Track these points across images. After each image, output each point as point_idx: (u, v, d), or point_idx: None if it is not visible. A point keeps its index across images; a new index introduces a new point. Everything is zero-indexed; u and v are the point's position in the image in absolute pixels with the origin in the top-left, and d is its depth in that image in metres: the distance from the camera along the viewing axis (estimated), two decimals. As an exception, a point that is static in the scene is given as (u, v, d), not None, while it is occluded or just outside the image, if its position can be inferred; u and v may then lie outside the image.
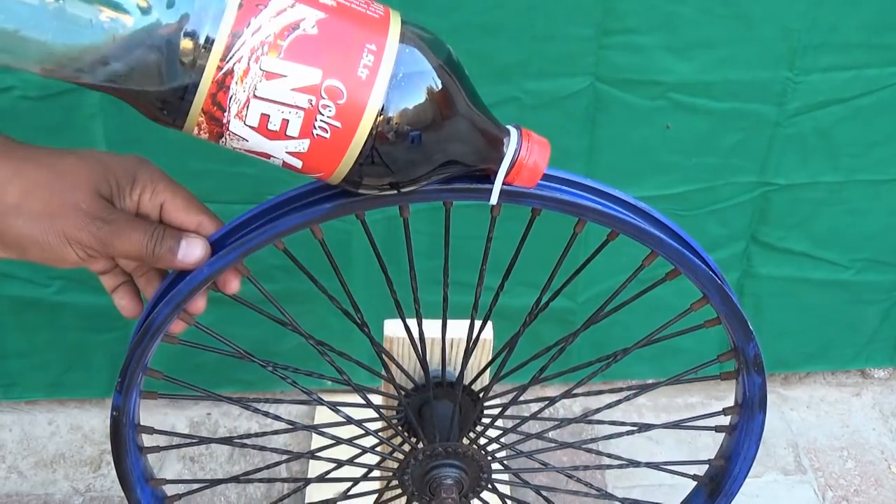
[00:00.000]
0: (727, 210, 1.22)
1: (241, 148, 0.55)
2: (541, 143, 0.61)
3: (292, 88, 0.52)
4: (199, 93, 0.51)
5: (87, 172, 0.59)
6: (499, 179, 0.61)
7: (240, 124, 0.53)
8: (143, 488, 0.73)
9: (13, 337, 1.24)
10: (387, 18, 0.55)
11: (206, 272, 0.63)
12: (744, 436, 0.80)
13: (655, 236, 0.68)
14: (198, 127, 0.53)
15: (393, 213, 0.67)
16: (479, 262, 0.70)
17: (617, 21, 1.04)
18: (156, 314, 0.65)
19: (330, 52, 0.52)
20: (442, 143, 0.57)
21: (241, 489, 1.25)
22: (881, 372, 1.45)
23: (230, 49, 0.50)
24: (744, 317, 0.72)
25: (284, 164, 0.55)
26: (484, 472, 0.81)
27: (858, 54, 1.10)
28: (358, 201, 0.62)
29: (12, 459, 1.28)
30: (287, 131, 0.53)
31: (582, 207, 0.65)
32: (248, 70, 0.51)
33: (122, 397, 0.68)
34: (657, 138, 1.14)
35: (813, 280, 1.30)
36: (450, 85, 0.56)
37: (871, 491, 1.30)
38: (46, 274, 1.19)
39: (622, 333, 0.78)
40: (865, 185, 1.21)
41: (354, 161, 0.55)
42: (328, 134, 0.53)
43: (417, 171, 0.58)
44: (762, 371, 0.76)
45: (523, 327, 0.74)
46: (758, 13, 1.05)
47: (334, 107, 0.53)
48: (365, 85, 0.53)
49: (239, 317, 0.73)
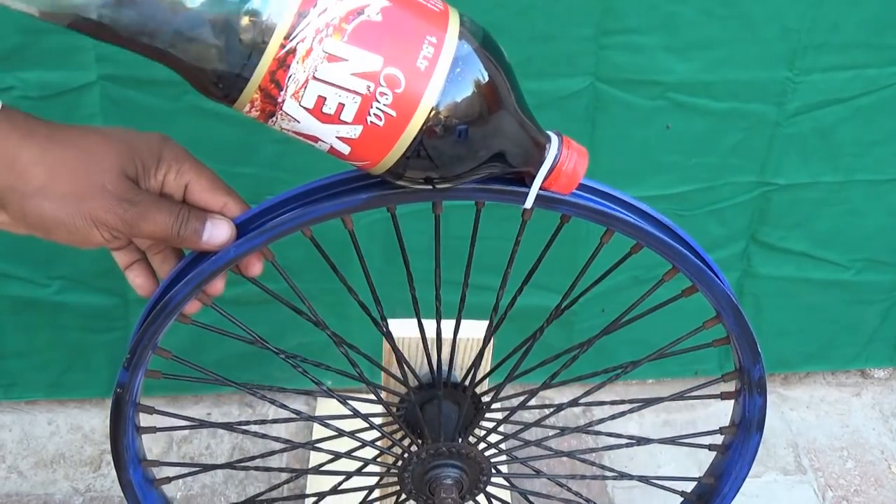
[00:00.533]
0: (727, 210, 1.22)
1: (291, 129, 0.55)
2: (580, 151, 0.62)
3: (352, 73, 0.52)
4: (258, 69, 0.51)
5: (112, 152, 0.59)
6: (537, 183, 0.61)
7: (295, 105, 0.53)
8: (136, 469, 0.73)
9: (13, 337, 1.24)
10: (446, 13, 0.55)
11: (233, 253, 0.63)
12: (737, 456, 0.80)
13: (679, 252, 0.68)
14: (251, 104, 0.53)
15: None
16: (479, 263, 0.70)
17: (617, 21, 1.04)
18: (175, 293, 0.64)
19: (392, 40, 0.52)
20: (488, 141, 0.57)
21: (241, 489, 1.25)
22: (881, 372, 1.45)
23: (295, 28, 0.50)
24: (754, 338, 0.72)
25: (331, 149, 0.55)
26: (484, 473, 0.81)
27: (858, 54, 1.10)
28: (393, 194, 0.62)
29: (12, 459, 1.28)
30: (341, 116, 0.53)
31: (613, 218, 0.66)
32: (311, 51, 0.51)
33: (129, 375, 0.67)
34: (657, 138, 1.14)
35: (813, 280, 1.30)
36: (501, 84, 0.56)
37: (871, 491, 1.30)
38: (46, 274, 1.19)
39: (624, 334, 0.78)
40: (865, 185, 1.21)
41: (403, 153, 0.55)
42: (382, 122, 0.53)
43: (460, 168, 0.58)
44: (764, 393, 0.76)
45: (539, 332, 0.74)
46: (758, 13, 1.05)
47: (391, 95, 0.53)
48: (423, 76, 0.53)
49: (240, 315, 0.73)
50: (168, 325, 0.67)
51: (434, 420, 0.79)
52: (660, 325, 0.85)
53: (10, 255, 1.16)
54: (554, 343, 0.83)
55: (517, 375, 0.77)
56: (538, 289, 0.95)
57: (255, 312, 0.98)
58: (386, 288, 0.72)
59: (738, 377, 0.77)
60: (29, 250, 1.16)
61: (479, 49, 0.55)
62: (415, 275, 0.71)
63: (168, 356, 0.71)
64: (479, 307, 0.77)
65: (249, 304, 0.97)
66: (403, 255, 0.70)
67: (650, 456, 1.32)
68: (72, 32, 0.52)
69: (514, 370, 0.76)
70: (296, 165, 1.09)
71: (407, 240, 0.69)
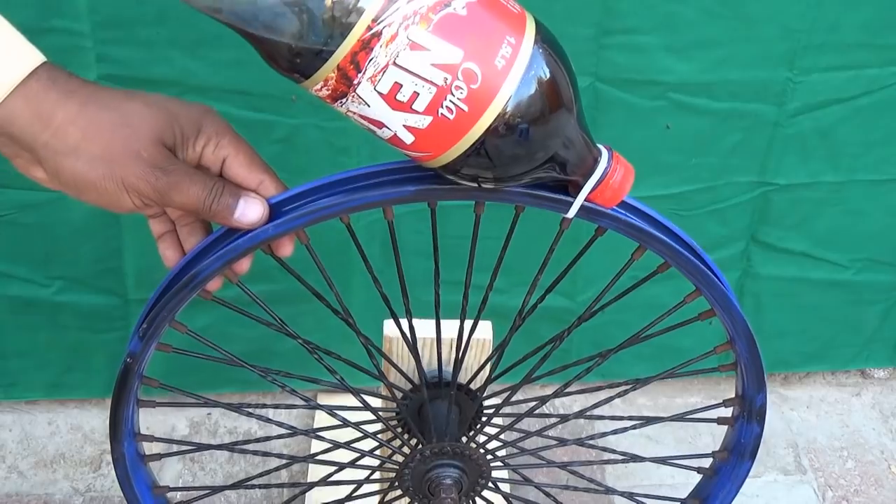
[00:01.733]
0: (727, 210, 1.22)
1: (358, 112, 0.55)
2: (627, 167, 0.63)
3: (432, 63, 0.52)
4: (340, 48, 0.51)
5: (152, 119, 0.58)
6: (583, 193, 0.62)
7: (369, 88, 0.53)
8: (130, 443, 0.73)
9: (13, 337, 1.24)
10: (524, 15, 0.56)
11: (271, 233, 0.62)
12: (726, 480, 0.80)
13: (706, 277, 0.69)
14: (324, 82, 0.53)
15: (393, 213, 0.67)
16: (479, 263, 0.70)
17: (617, 21, 1.04)
18: (204, 266, 0.63)
19: (474, 35, 0.53)
20: (548, 143, 0.57)
21: (241, 489, 1.25)
22: (881, 372, 1.45)
23: (384, 12, 0.51)
24: (762, 367, 0.73)
25: (394, 136, 0.55)
26: (483, 472, 0.81)
27: (858, 54, 1.10)
28: (441, 190, 0.62)
29: (12, 459, 1.28)
30: (413, 104, 0.53)
31: (649, 236, 0.67)
32: (395, 36, 0.51)
33: (142, 345, 0.67)
34: (657, 138, 1.14)
35: (813, 280, 1.30)
36: (566, 90, 0.57)
37: (871, 491, 1.30)
38: (46, 274, 1.19)
39: (623, 334, 0.78)
40: (865, 185, 1.21)
41: (466, 149, 0.55)
42: (452, 115, 0.54)
43: (515, 169, 0.58)
44: (762, 422, 0.76)
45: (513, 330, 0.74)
46: (758, 13, 1.05)
47: (466, 90, 0.53)
48: (500, 75, 0.53)
49: (238, 318, 0.72)
50: (190, 299, 0.65)
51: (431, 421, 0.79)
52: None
53: (10, 255, 1.16)
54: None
55: (497, 375, 0.77)
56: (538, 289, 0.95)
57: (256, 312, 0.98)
58: (386, 288, 0.72)
59: (739, 404, 0.77)
60: (29, 250, 1.16)
61: (552, 54, 0.56)
62: (414, 275, 0.71)
63: (183, 330, 0.70)
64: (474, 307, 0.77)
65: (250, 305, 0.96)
66: (396, 258, 0.69)
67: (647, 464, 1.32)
68: (72, 32, 0.52)
69: (494, 368, 0.76)
70: (296, 166, 1.09)
71: (406, 240, 0.69)
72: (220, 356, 0.72)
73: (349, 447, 0.80)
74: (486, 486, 0.83)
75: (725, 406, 0.78)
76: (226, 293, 0.68)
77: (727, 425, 0.80)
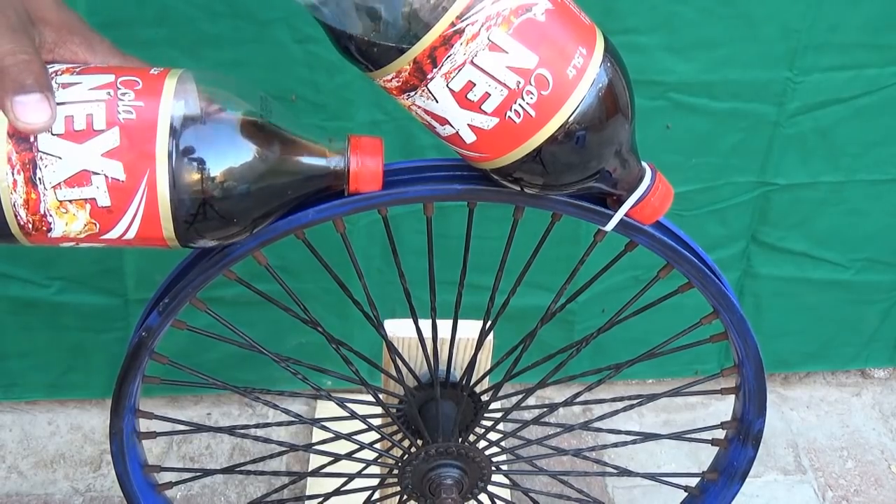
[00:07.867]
0: (727, 210, 1.22)
1: (423, 107, 0.55)
2: (668, 188, 0.64)
3: (507, 66, 0.52)
4: (421, 42, 0.51)
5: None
6: (624, 208, 0.62)
7: (442, 84, 0.53)
8: (129, 419, 0.73)
9: (13, 337, 1.24)
10: (594, 28, 0.57)
11: (312, 217, 0.62)
12: (713, 501, 0.80)
13: (729, 301, 0.69)
14: (396, 74, 0.53)
15: (393, 214, 0.66)
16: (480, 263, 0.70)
17: (617, 21, 1.04)
18: (240, 244, 0.62)
19: (550, 42, 0.53)
20: (602, 153, 0.58)
21: (241, 489, 1.25)
22: (881, 372, 1.45)
23: (469, 10, 0.51)
24: (766, 394, 0.73)
25: (454, 134, 0.55)
26: (484, 472, 0.81)
27: (858, 54, 1.10)
28: (486, 191, 0.62)
29: (12, 459, 1.28)
30: (483, 105, 0.53)
31: (680, 256, 0.67)
32: (476, 35, 0.51)
33: (160, 319, 0.66)
34: (657, 138, 1.14)
35: (813, 280, 1.30)
36: (626, 105, 0.58)
37: (871, 491, 1.30)
38: (46, 274, 1.19)
39: (621, 333, 0.78)
40: (865, 185, 1.21)
41: (525, 154, 0.55)
42: (519, 119, 0.54)
43: (566, 178, 0.58)
44: (757, 447, 0.76)
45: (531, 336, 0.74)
46: (758, 13, 1.05)
47: (536, 95, 0.53)
48: (570, 84, 0.54)
49: (238, 318, 0.72)
50: (217, 276, 0.65)
51: (433, 420, 0.79)
52: (660, 326, 0.85)
53: (10, 255, 1.16)
54: (555, 343, 0.83)
55: (505, 379, 0.77)
56: (539, 289, 0.96)
57: (255, 312, 0.98)
58: (386, 288, 0.72)
59: (736, 427, 0.77)
60: (29, 250, 1.16)
61: (618, 68, 0.57)
62: (414, 275, 0.71)
63: (202, 307, 0.69)
64: (479, 307, 0.77)
65: (249, 304, 0.97)
66: (395, 257, 0.69)
67: (650, 455, 1.32)
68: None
69: (511, 369, 0.76)
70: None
71: (405, 240, 0.69)
72: (237, 339, 0.71)
73: (351, 439, 0.80)
74: (483, 490, 0.83)
75: (723, 428, 0.78)
76: (225, 293, 0.68)
77: (719, 447, 0.80)
